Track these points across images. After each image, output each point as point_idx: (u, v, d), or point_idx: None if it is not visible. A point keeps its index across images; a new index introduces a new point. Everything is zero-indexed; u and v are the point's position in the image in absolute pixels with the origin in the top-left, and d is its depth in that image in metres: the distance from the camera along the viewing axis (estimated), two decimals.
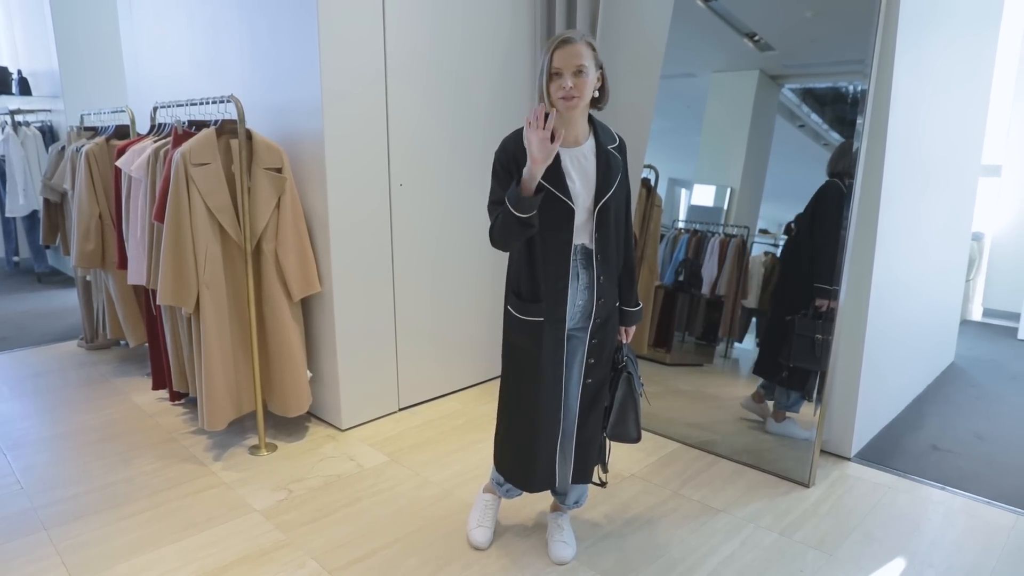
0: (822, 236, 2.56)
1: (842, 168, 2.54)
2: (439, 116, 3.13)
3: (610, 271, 1.91)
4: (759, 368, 2.80)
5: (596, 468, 2.09)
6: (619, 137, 1.94)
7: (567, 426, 1.99)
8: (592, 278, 1.89)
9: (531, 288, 1.89)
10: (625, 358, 2.02)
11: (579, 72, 1.72)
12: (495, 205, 1.83)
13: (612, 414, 2.01)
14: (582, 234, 1.86)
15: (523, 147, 1.75)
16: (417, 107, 3.03)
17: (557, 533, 2.12)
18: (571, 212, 1.81)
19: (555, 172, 1.79)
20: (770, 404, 2.75)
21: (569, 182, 1.81)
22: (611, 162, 1.86)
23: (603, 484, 2.12)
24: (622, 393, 2.00)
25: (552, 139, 1.69)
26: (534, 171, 1.71)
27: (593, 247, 1.87)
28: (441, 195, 3.20)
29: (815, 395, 2.56)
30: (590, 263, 1.88)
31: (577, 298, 1.90)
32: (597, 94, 1.82)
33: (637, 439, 2.06)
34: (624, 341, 2.07)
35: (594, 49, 1.76)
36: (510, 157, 1.82)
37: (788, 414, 2.68)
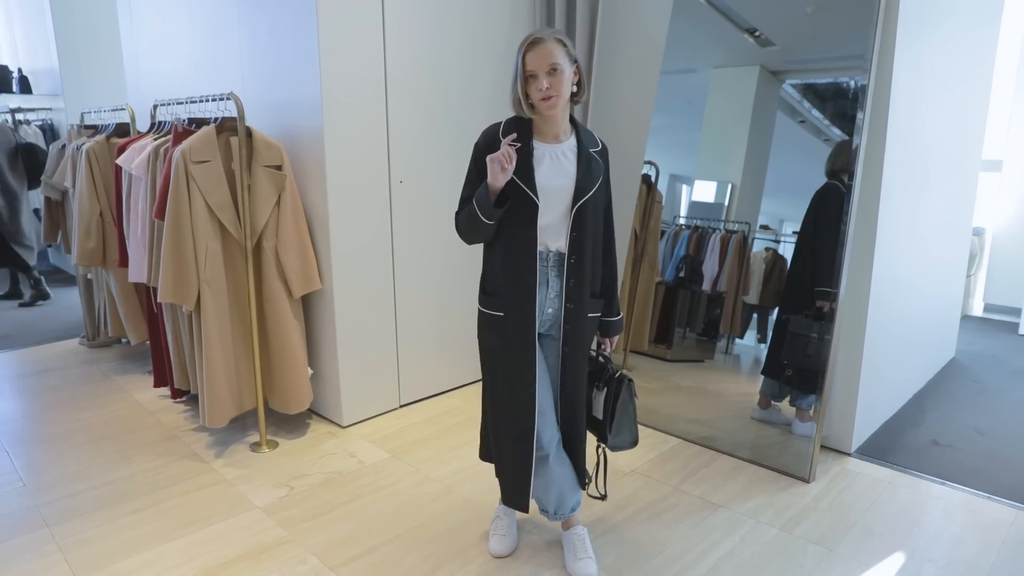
0: (823, 239, 2.56)
1: (839, 166, 2.54)
2: (439, 112, 3.12)
3: (583, 277, 1.82)
4: (767, 369, 2.78)
5: (596, 479, 2.06)
6: (602, 143, 1.91)
7: (546, 438, 1.88)
8: (562, 284, 1.83)
9: (494, 283, 1.86)
10: (616, 368, 1.99)
11: (553, 71, 1.69)
12: (464, 200, 1.83)
13: (613, 424, 1.95)
14: (558, 237, 1.80)
15: (495, 142, 1.78)
16: (417, 103, 3.03)
17: (574, 550, 1.97)
18: (535, 208, 1.76)
19: (525, 167, 1.75)
20: (777, 406, 2.74)
21: (538, 179, 1.76)
22: (592, 164, 1.82)
23: (603, 497, 2.07)
24: (623, 401, 1.94)
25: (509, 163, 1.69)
26: (494, 186, 1.71)
27: (567, 251, 1.80)
28: (441, 191, 3.19)
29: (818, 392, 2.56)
30: (562, 268, 1.82)
31: (547, 305, 1.84)
32: (575, 88, 1.78)
33: (634, 444, 2.05)
34: (607, 351, 2.03)
35: (566, 45, 1.72)
36: (481, 152, 1.80)
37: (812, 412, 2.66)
